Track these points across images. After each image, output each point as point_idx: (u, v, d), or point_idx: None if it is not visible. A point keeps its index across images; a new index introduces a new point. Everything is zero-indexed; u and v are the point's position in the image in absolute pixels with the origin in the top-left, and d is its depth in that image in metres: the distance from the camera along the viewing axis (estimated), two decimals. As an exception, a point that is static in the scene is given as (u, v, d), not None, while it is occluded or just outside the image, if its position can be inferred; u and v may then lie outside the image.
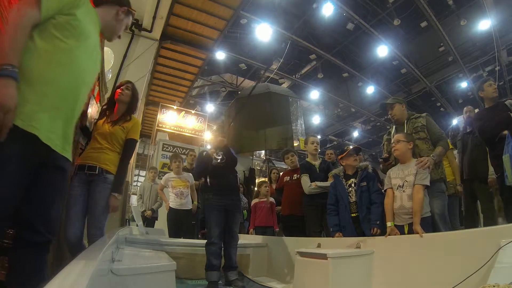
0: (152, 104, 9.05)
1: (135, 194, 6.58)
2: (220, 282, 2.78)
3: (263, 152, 11.91)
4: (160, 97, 8.86)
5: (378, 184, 2.83)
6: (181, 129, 9.10)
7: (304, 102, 12.19)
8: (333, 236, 2.73)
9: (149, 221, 4.83)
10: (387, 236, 2.28)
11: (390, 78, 11.78)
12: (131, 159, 2.64)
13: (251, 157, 10.08)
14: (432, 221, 2.29)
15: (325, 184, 3.23)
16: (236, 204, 3.00)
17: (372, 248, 2.30)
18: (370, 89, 11.72)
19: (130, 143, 2.18)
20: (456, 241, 1.88)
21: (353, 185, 2.76)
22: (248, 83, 11.55)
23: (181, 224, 4.12)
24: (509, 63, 9.73)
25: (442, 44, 9.80)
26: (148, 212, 4.81)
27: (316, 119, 14.48)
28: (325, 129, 15.62)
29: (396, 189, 2.37)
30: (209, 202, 2.89)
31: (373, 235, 2.42)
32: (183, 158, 4.64)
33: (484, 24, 8.40)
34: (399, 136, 2.48)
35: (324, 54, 10.03)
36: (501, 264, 1.39)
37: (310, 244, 2.79)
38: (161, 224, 4.77)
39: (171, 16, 5.66)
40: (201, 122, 9.58)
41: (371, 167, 2.88)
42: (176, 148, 7.98)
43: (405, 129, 2.67)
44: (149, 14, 5.24)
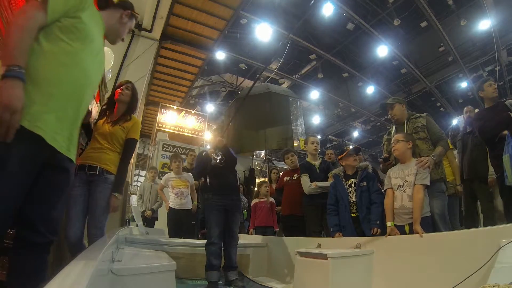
0: (152, 104, 9.05)
1: (135, 194, 6.58)
2: (220, 282, 2.78)
3: (263, 152, 11.91)
4: (160, 97, 8.86)
5: (378, 184, 2.83)
6: (181, 129, 9.10)
7: (304, 102, 12.20)
8: (333, 236, 2.73)
9: (149, 221, 4.83)
10: (387, 236, 2.28)
11: (390, 78, 11.78)
12: (131, 159, 2.65)
13: (251, 157, 10.07)
14: (432, 221, 2.30)
15: (325, 184, 3.23)
16: (236, 204, 3.00)
17: (372, 248, 2.30)
18: (370, 89, 11.73)
19: (130, 143, 2.17)
20: (456, 241, 1.88)
21: (353, 185, 2.76)
22: (248, 83, 11.55)
23: (181, 224, 4.12)
24: (509, 63, 9.73)
25: (442, 44, 9.80)
26: (148, 212, 4.81)
27: (316, 119, 14.48)
28: (325, 129, 15.62)
29: (396, 189, 2.37)
30: (209, 202, 2.89)
31: (373, 235, 2.42)
32: (183, 158, 4.64)
33: (484, 24, 8.41)
34: (398, 136, 2.49)
35: (324, 54, 10.03)
36: (501, 264, 1.39)
37: (310, 244, 2.79)
38: (161, 224, 4.77)
39: (171, 16, 5.67)
40: (201, 122, 9.58)
41: (371, 167, 2.88)
42: (176, 148, 7.98)
43: (405, 129, 2.67)
44: (149, 14, 5.24)
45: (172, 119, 8.94)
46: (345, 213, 2.71)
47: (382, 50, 9.72)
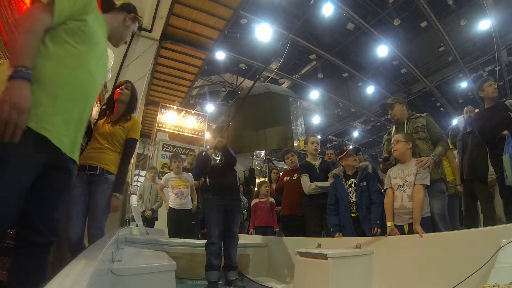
0: (152, 104, 9.05)
1: (135, 194, 6.58)
2: (220, 282, 2.77)
3: (263, 152, 11.91)
4: (160, 97, 8.87)
5: (378, 184, 2.83)
6: (181, 129, 9.10)
7: (304, 102, 12.19)
8: (333, 236, 2.74)
9: (149, 221, 4.83)
10: (387, 236, 2.28)
11: (390, 78, 11.78)
12: (132, 159, 2.65)
13: (251, 157, 10.07)
14: (432, 221, 2.30)
15: (325, 184, 3.23)
16: (236, 204, 3.00)
17: (372, 248, 2.30)
18: (370, 89, 11.72)
19: (131, 143, 2.18)
20: (456, 241, 1.88)
21: (353, 185, 2.76)
22: (248, 83, 11.55)
23: (181, 224, 4.12)
24: (509, 63, 9.73)
25: (442, 44, 9.80)
26: (148, 212, 4.81)
27: (316, 119, 14.48)
28: (325, 129, 15.62)
29: (396, 189, 2.37)
30: (209, 202, 2.89)
31: (373, 235, 2.43)
32: (183, 158, 4.63)
33: (484, 24, 8.41)
34: (398, 136, 2.49)
35: (324, 54, 10.03)
36: (501, 264, 1.39)
37: (310, 244, 2.79)
38: (161, 224, 4.77)
39: (171, 16, 5.67)
40: (201, 122, 9.58)
41: (370, 167, 2.88)
42: (176, 148, 7.98)
43: (405, 129, 2.67)
44: (149, 14, 5.24)
45: (172, 119, 8.94)
46: (345, 213, 2.71)
47: (382, 50, 9.72)
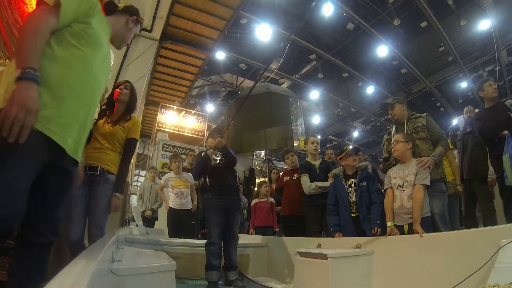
0: (152, 104, 9.05)
1: (135, 194, 6.58)
2: (220, 282, 2.77)
3: (263, 152, 11.90)
4: (160, 97, 8.87)
5: (378, 184, 2.83)
6: (181, 129, 9.10)
7: (304, 102, 12.19)
8: (333, 236, 2.74)
9: (149, 221, 4.83)
10: (387, 236, 2.28)
11: (390, 78, 11.78)
12: (132, 159, 2.65)
13: (251, 157, 10.07)
14: (432, 221, 2.30)
15: (325, 184, 3.22)
16: (236, 204, 3.00)
17: (372, 248, 2.30)
18: (370, 89, 11.72)
19: (131, 143, 2.18)
20: (456, 241, 1.88)
21: (353, 185, 2.76)
22: (248, 83, 11.55)
23: (181, 224, 4.12)
24: (509, 63, 9.73)
25: (442, 44, 9.80)
26: (148, 212, 4.81)
27: (316, 119, 14.48)
28: (325, 129, 15.62)
29: (396, 188, 2.37)
30: (209, 202, 2.89)
31: (373, 234, 2.43)
32: (183, 158, 4.63)
33: (484, 24, 8.41)
34: (398, 136, 2.49)
35: (324, 54, 10.03)
36: (501, 264, 1.39)
37: (310, 244, 2.79)
38: (161, 224, 4.77)
39: (171, 16, 5.67)
40: (201, 122, 9.58)
41: (370, 167, 2.88)
42: (176, 148, 7.98)
43: (405, 129, 2.67)
44: (149, 14, 5.24)
45: (172, 119, 8.95)
46: (345, 213, 2.71)
47: (382, 50, 9.72)
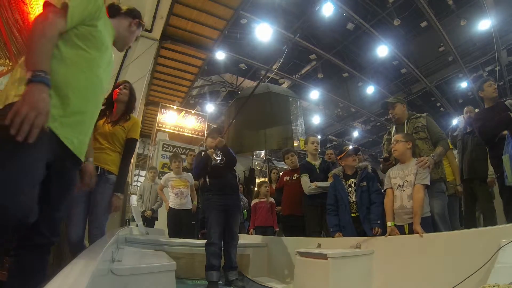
0: (152, 104, 9.05)
1: (135, 194, 6.58)
2: (220, 282, 2.77)
3: (263, 152, 11.91)
4: (160, 97, 8.87)
5: (378, 184, 2.83)
6: (181, 129, 9.11)
7: (304, 102, 12.18)
8: (333, 236, 2.74)
9: (149, 221, 4.83)
10: (387, 236, 2.28)
11: (390, 78, 11.78)
12: (132, 159, 2.65)
13: (251, 157, 10.07)
14: (432, 221, 2.30)
15: (325, 184, 3.22)
16: (236, 204, 3.00)
17: (372, 248, 2.30)
18: (370, 89, 11.72)
19: (131, 143, 2.19)
20: (456, 241, 1.88)
21: (353, 185, 2.76)
22: (248, 83, 11.55)
23: (181, 224, 4.12)
24: (509, 63, 9.73)
25: (442, 44, 9.80)
26: (148, 212, 4.81)
27: (316, 119, 14.47)
28: (325, 129, 15.62)
29: (396, 188, 2.37)
30: (209, 202, 2.89)
31: (374, 234, 2.43)
32: (183, 158, 4.64)
33: (484, 24, 8.40)
34: (397, 136, 2.49)
35: (324, 54, 10.03)
36: (501, 264, 1.39)
37: (310, 244, 2.79)
38: (161, 224, 4.77)
39: (171, 16, 5.67)
40: (201, 122, 9.58)
41: (370, 167, 2.88)
42: (176, 148, 7.99)
43: (405, 129, 2.67)
44: (149, 14, 5.24)
45: (172, 119, 8.95)
46: (345, 213, 2.71)
47: (382, 50, 9.71)
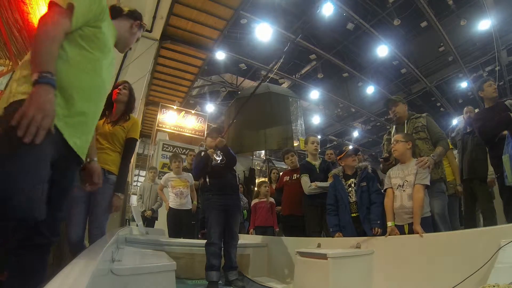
0: (152, 104, 9.06)
1: (135, 194, 6.58)
2: (220, 282, 2.77)
3: (263, 152, 11.90)
4: (160, 97, 8.88)
5: (378, 185, 2.83)
6: (181, 129, 9.11)
7: (304, 102, 12.19)
8: (333, 236, 2.74)
9: (149, 221, 4.83)
10: (387, 236, 2.28)
11: (390, 78, 11.78)
12: (132, 159, 2.66)
13: (251, 157, 10.07)
14: (432, 221, 2.30)
15: (325, 184, 3.22)
16: (236, 204, 3.00)
17: (372, 248, 2.30)
18: (370, 89, 11.72)
19: (131, 143, 2.19)
20: (456, 241, 1.88)
21: (353, 185, 2.76)
22: (248, 83, 11.55)
23: (181, 224, 4.12)
24: (509, 63, 9.73)
25: (442, 44, 9.80)
26: (148, 212, 4.81)
27: (316, 119, 14.47)
28: (325, 129, 15.62)
29: (396, 188, 2.37)
30: (209, 202, 2.89)
31: (374, 235, 2.43)
32: (183, 158, 4.63)
33: (484, 24, 8.40)
34: (397, 136, 2.49)
35: (324, 54, 10.03)
36: (501, 264, 1.39)
37: (310, 244, 2.79)
38: (161, 224, 4.77)
39: (171, 16, 5.68)
40: (201, 122, 9.58)
41: (370, 167, 2.88)
42: (176, 148, 7.99)
43: (405, 129, 2.68)
44: (149, 14, 5.24)
45: (172, 119, 8.95)
46: (345, 213, 2.71)
47: (382, 50, 9.71)
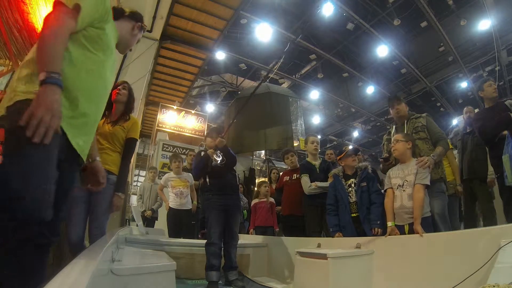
0: (152, 104, 9.06)
1: (135, 194, 6.58)
2: (220, 282, 2.77)
3: (263, 152, 11.90)
4: (160, 97, 8.88)
5: (378, 185, 2.83)
6: (181, 129, 9.11)
7: (304, 102, 12.19)
8: (333, 236, 2.73)
9: (149, 221, 4.83)
10: (387, 236, 2.28)
11: (390, 78, 11.78)
12: (132, 159, 2.66)
13: (251, 157, 10.07)
14: (432, 221, 2.30)
15: (325, 184, 3.22)
16: (236, 204, 3.00)
17: (372, 248, 2.30)
18: (370, 89, 11.73)
19: (131, 142, 2.19)
20: (456, 241, 1.88)
21: (353, 185, 2.76)
22: (248, 83, 11.55)
23: (181, 224, 4.12)
24: (509, 63, 9.73)
25: (442, 44, 9.80)
26: (148, 212, 4.81)
27: (316, 119, 14.48)
28: (325, 129, 15.62)
29: (396, 188, 2.37)
30: (209, 202, 2.89)
31: (374, 235, 2.43)
32: (183, 158, 4.63)
33: (484, 24, 8.41)
34: (397, 136, 2.49)
35: (324, 54, 10.03)
36: (501, 264, 1.38)
37: (310, 244, 2.78)
38: (161, 224, 4.77)
39: (171, 16, 5.68)
40: (201, 122, 9.58)
41: (370, 167, 2.88)
42: (176, 148, 7.99)
43: (405, 129, 2.68)
44: (149, 14, 5.24)
45: (172, 119, 8.95)
46: (345, 213, 2.71)
47: (382, 50, 9.72)
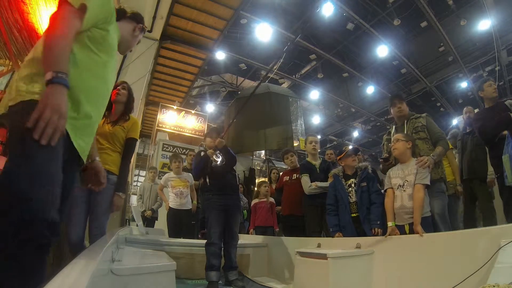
0: (152, 104, 9.06)
1: (135, 194, 6.58)
2: (220, 282, 2.77)
3: (263, 152, 11.90)
4: (160, 97, 8.88)
5: (378, 185, 2.83)
6: (181, 129, 9.11)
7: (304, 102, 12.19)
8: (333, 236, 2.74)
9: (149, 221, 4.83)
10: (387, 236, 2.28)
11: (390, 78, 11.78)
12: (132, 159, 2.67)
13: (251, 157, 10.07)
14: (432, 221, 2.30)
15: (325, 184, 3.22)
16: (236, 204, 3.00)
17: (372, 248, 2.30)
18: (370, 89, 11.73)
19: (131, 142, 2.20)
20: (456, 241, 1.88)
21: (353, 185, 2.76)
22: (248, 83, 11.55)
23: (181, 224, 4.12)
24: (509, 63, 9.73)
25: (442, 44, 9.80)
26: (148, 212, 4.81)
27: (316, 119, 14.48)
28: (325, 129, 15.62)
29: (397, 188, 2.37)
30: (209, 202, 2.89)
31: (374, 235, 2.42)
32: (183, 158, 4.63)
33: (484, 24, 8.41)
34: (398, 135, 2.49)
35: (324, 54, 10.03)
36: (501, 264, 1.38)
37: (310, 244, 2.78)
38: (161, 224, 4.77)
39: (171, 16, 5.68)
40: (201, 122, 9.58)
41: (370, 167, 2.88)
42: (176, 148, 7.99)
43: (405, 129, 2.68)
44: (149, 14, 5.24)
45: (172, 119, 8.95)
46: (345, 213, 2.71)
47: (382, 50, 9.72)
